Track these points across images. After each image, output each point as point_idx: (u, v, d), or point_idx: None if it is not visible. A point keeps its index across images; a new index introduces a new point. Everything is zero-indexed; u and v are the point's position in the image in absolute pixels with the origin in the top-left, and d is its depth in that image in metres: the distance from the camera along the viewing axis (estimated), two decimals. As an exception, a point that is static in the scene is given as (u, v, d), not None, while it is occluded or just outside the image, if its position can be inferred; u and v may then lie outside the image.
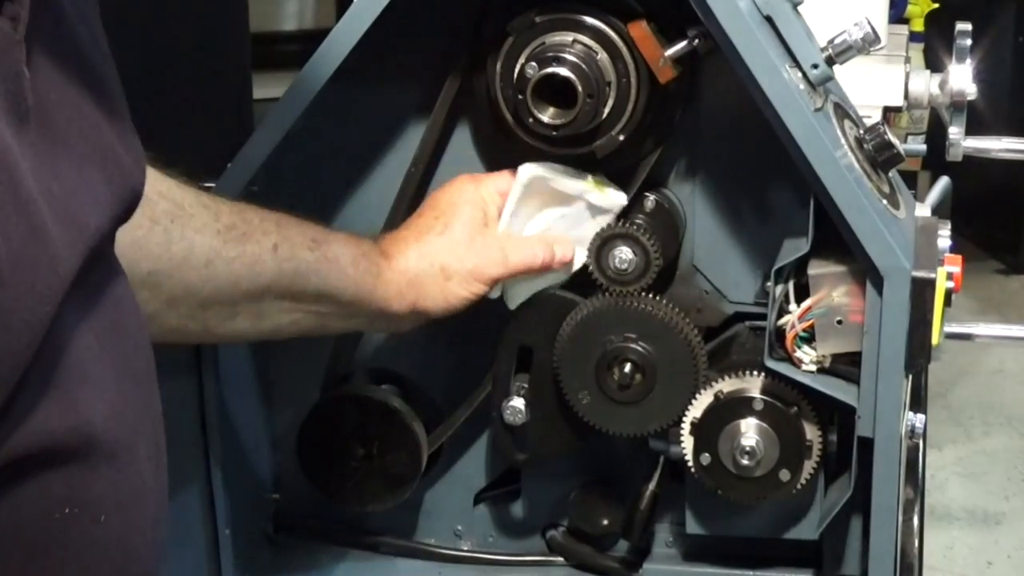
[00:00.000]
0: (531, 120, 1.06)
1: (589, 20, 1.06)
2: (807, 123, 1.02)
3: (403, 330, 1.14)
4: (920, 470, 1.15)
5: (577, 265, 1.13)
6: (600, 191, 1.11)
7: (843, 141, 1.06)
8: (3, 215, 0.53)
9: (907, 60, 1.55)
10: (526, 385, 1.16)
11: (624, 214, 1.12)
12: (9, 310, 0.53)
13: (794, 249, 1.07)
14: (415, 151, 1.15)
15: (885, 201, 1.07)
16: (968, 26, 1.48)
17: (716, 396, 1.11)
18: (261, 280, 1.01)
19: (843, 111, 1.12)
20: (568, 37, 1.06)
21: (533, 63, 1.05)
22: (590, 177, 1.11)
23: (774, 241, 1.12)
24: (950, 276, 1.06)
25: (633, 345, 1.11)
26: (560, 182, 1.10)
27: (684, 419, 1.12)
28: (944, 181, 1.50)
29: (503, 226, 1.12)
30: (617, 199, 1.11)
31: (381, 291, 1.08)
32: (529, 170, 1.10)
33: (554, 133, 1.06)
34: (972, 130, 1.47)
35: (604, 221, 1.11)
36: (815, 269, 1.07)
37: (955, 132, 1.44)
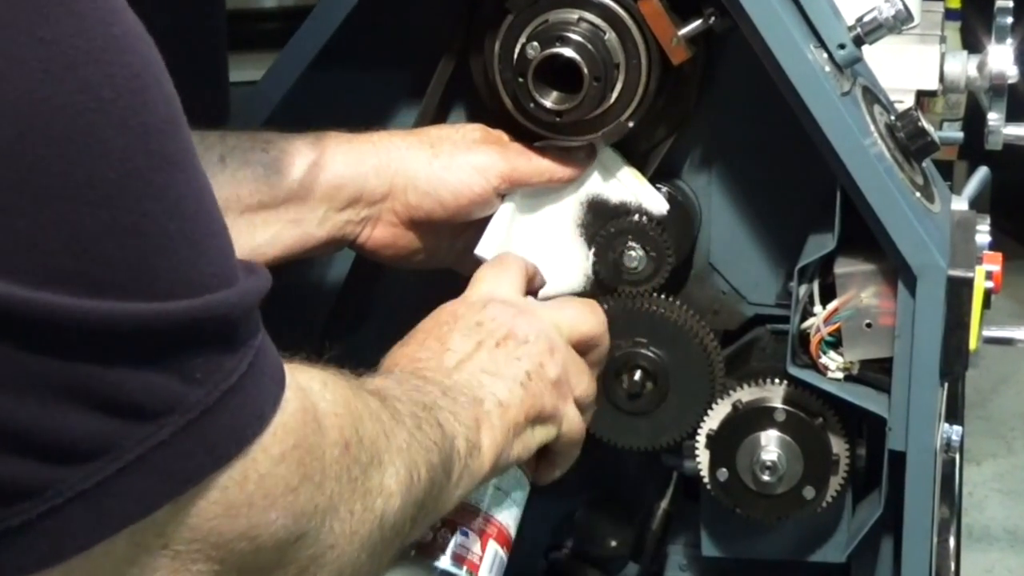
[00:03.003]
0: (532, 105, 1.06)
1: (596, -4, 1.06)
2: (833, 108, 1.02)
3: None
4: (957, 487, 1.15)
5: (583, 267, 1.13)
6: (641, 184, 1.12)
7: (872, 128, 1.06)
8: None
9: (942, 40, 1.55)
10: (527, 394, 1.16)
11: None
12: None
13: (819, 246, 1.07)
14: (406, 139, 1.16)
15: (918, 193, 1.07)
16: (1010, 2, 1.48)
17: (734, 406, 1.12)
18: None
19: (872, 96, 1.12)
20: (573, 14, 1.06)
21: (535, 43, 1.05)
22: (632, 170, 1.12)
23: (797, 237, 1.12)
24: (989, 275, 1.06)
25: (644, 351, 1.11)
26: (606, 155, 1.11)
27: (699, 431, 1.12)
28: (983, 172, 1.50)
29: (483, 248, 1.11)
30: (659, 204, 1.11)
31: (354, 167, 1.06)
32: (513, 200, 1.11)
33: (557, 119, 1.06)
34: (1013, 116, 1.47)
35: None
36: (842, 268, 1.07)
37: (995, 118, 1.44)
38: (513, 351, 0.95)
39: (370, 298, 1.24)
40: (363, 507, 0.74)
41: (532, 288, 1.05)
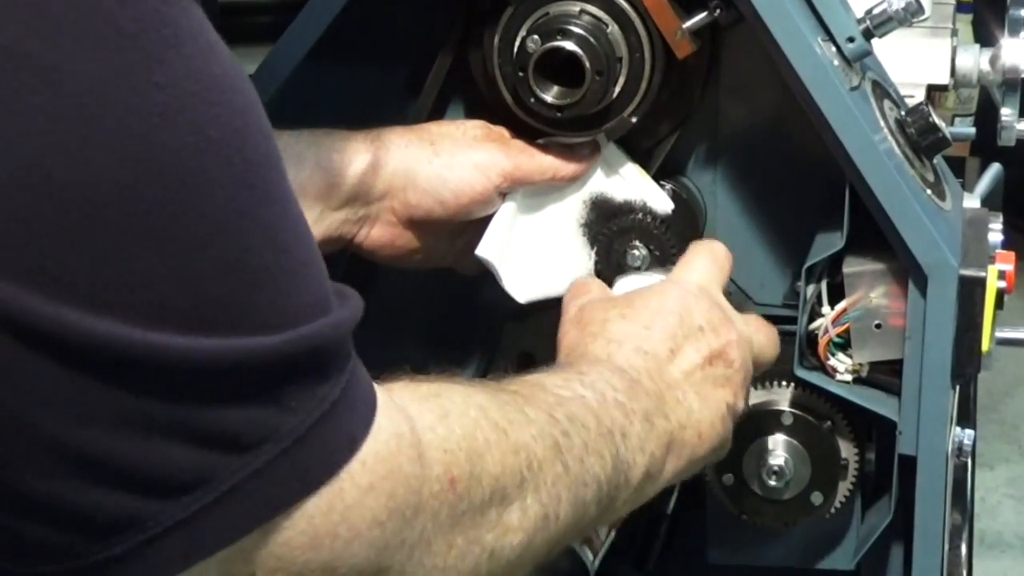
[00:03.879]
0: (533, 100, 1.06)
1: (598, -12, 1.06)
2: (842, 103, 1.02)
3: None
4: (969, 492, 1.15)
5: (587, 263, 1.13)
6: (646, 181, 1.12)
7: (882, 124, 1.06)
8: None
9: (954, 33, 1.55)
10: (527, 397, 1.16)
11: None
12: None
13: (827, 245, 1.07)
14: (403, 135, 1.16)
15: (929, 191, 1.07)
16: (1023, -6, 1.48)
17: (740, 409, 1.11)
18: None
19: (882, 90, 1.12)
20: (574, 7, 1.06)
21: (535, 36, 1.05)
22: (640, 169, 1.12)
23: (805, 236, 1.12)
24: (1002, 275, 1.06)
25: (647, 352, 1.11)
26: (610, 151, 1.11)
27: (704, 435, 1.12)
28: (995, 168, 1.50)
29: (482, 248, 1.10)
30: (664, 202, 1.11)
31: (351, 166, 1.06)
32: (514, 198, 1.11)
33: (558, 114, 1.06)
34: (1027, 111, 1.47)
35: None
36: (851, 267, 1.07)
37: (1008, 114, 1.44)
38: (722, 374, 0.98)
39: (366, 299, 1.24)
40: (467, 540, 0.74)
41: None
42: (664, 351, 0.97)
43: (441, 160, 1.08)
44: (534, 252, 1.12)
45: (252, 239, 0.62)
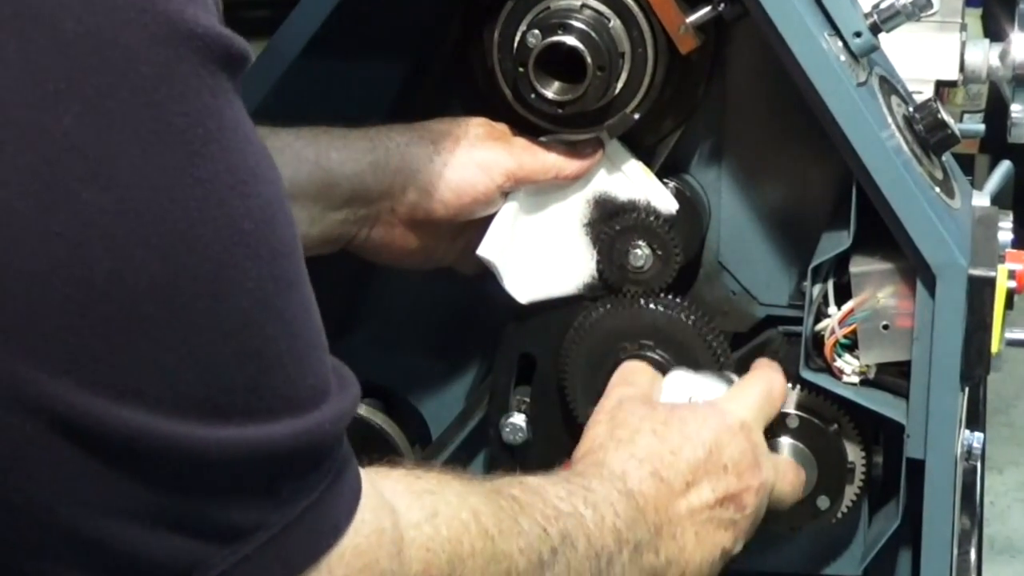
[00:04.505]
0: (533, 96, 1.06)
1: (600, -18, 1.06)
2: (849, 99, 1.02)
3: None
4: (978, 496, 1.15)
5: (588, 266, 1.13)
6: (650, 180, 1.11)
7: (890, 120, 1.06)
8: None
9: (963, 28, 1.55)
10: (528, 399, 1.16)
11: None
12: None
13: (834, 244, 1.07)
14: (400, 132, 1.15)
15: (938, 188, 1.07)
16: (1033, -12, 1.48)
17: (745, 412, 1.11)
18: None
19: (890, 86, 1.12)
20: (576, 1, 1.05)
21: (535, 31, 1.04)
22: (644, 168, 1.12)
23: (811, 235, 1.12)
24: (1012, 275, 1.06)
25: (650, 353, 1.11)
26: (613, 147, 1.11)
27: (708, 438, 1.12)
28: (1005, 166, 1.49)
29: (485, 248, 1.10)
30: (668, 201, 1.11)
31: (350, 165, 1.06)
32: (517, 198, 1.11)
33: (559, 111, 1.06)
34: (1037, 108, 1.47)
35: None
36: (858, 267, 1.07)
37: (1018, 110, 1.44)
38: (729, 517, 1.01)
39: (361, 300, 1.24)
40: None
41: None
42: (680, 483, 0.99)
43: (443, 159, 1.08)
44: (536, 252, 1.12)
45: (271, 328, 0.64)
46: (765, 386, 1.07)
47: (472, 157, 1.08)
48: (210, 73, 0.61)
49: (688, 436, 1.01)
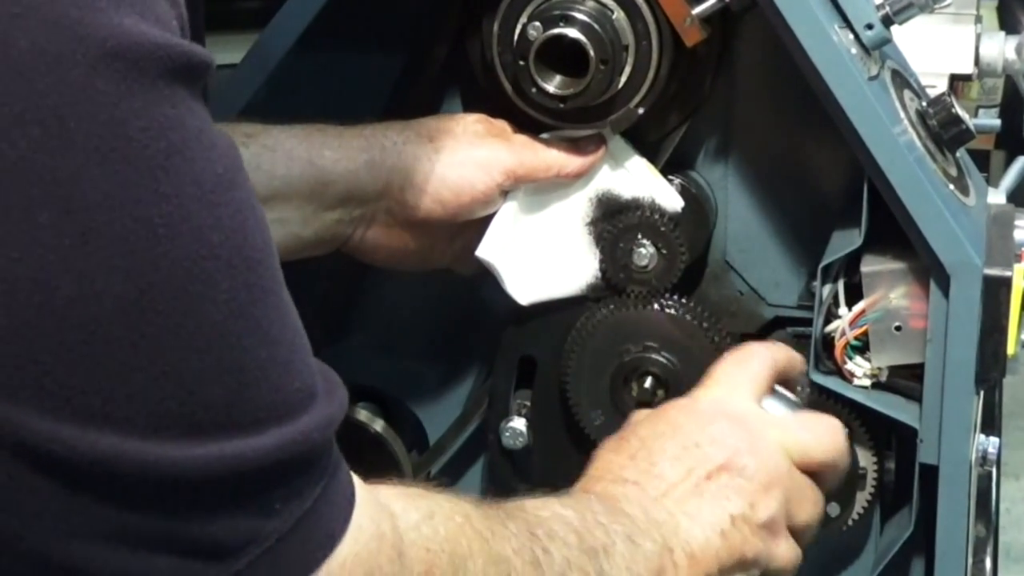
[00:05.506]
0: (534, 90, 1.06)
1: (603, -28, 1.06)
2: (860, 94, 1.02)
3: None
4: (993, 503, 1.15)
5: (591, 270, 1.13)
6: (654, 177, 1.11)
7: (902, 115, 1.06)
8: None
9: (978, 20, 1.55)
10: (528, 403, 1.16)
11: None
12: None
13: (845, 243, 1.07)
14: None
15: (952, 185, 1.07)
16: (1050, -21, 1.48)
17: (752, 416, 1.11)
18: None
19: (903, 80, 1.12)
20: (578, -8, 1.06)
21: (537, 23, 1.04)
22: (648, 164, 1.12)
23: (821, 233, 1.12)
24: (1029, 274, 1.06)
25: (655, 356, 1.11)
26: (617, 144, 1.11)
27: (715, 443, 1.12)
28: (1021, 162, 1.50)
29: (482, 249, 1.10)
30: (673, 199, 1.11)
31: (344, 163, 1.06)
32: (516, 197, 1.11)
33: (561, 105, 1.06)
34: (1054, 102, 1.47)
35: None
36: (869, 266, 1.07)
37: (1034, 104, 1.44)
38: (724, 487, 0.96)
39: (355, 302, 1.24)
40: None
41: (790, 380, 1.05)
42: (654, 472, 0.96)
43: (441, 158, 1.08)
44: (537, 252, 1.12)
45: (248, 339, 0.64)
46: (733, 358, 1.05)
47: (471, 155, 1.08)
48: (167, 84, 0.61)
49: (645, 437, 0.99)
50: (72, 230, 0.58)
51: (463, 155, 1.08)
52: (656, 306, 1.11)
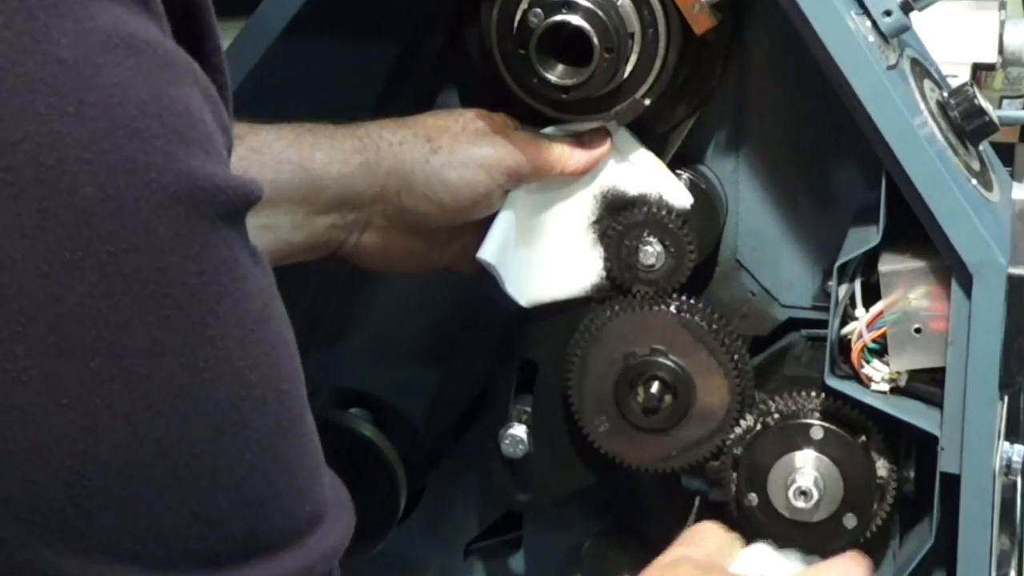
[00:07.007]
0: (535, 80, 1.06)
1: (607, -44, 1.06)
2: (878, 84, 1.02)
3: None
4: (1018, 514, 1.15)
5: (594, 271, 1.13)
6: (662, 172, 1.11)
7: (922, 106, 1.06)
8: None
9: (1002, 6, 1.55)
10: (529, 409, 1.16)
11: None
12: None
13: (861, 241, 1.07)
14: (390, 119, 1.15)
15: (974, 180, 1.07)
16: (1078, -37, 1.48)
17: (765, 422, 1.11)
18: None
19: (923, 69, 1.12)
20: (581, -23, 1.05)
21: (537, 9, 1.04)
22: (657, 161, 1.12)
23: (836, 231, 1.12)
24: (1055, 274, 1.06)
25: (662, 359, 1.11)
26: (622, 136, 1.11)
27: (724, 451, 1.12)
28: (1048, 156, 1.50)
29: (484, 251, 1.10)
30: (682, 196, 1.11)
31: (337, 166, 1.06)
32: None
33: (564, 96, 1.06)
34: (1082, 93, 1.47)
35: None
36: (887, 265, 1.07)
37: (1061, 95, 1.44)
38: None
39: (351, 305, 1.24)
40: None
41: None
42: None
43: (440, 158, 1.07)
44: (539, 251, 1.12)
45: (272, 471, 0.65)
46: (838, 573, 1.07)
47: (471, 155, 1.07)
48: (224, 224, 0.62)
49: None
50: (120, 376, 0.60)
51: (463, 155, 1.08)
52: (663, 307, 1.11)
